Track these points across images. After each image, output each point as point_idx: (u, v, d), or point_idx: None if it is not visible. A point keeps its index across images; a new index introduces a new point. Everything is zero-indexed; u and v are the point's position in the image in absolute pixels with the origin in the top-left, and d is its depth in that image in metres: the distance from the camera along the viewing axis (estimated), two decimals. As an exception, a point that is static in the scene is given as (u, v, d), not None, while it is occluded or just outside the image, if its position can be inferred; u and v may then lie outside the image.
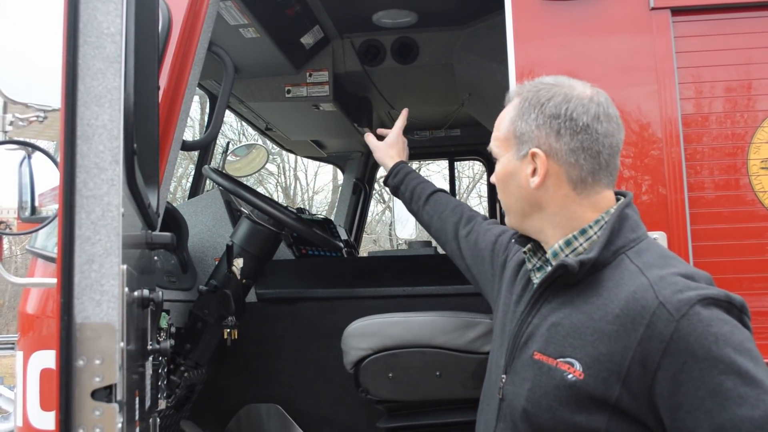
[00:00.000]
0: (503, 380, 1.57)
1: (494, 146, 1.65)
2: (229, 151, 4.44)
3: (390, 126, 5.29)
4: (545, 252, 1.61)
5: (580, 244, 1.51)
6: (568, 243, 1.53)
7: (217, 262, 2.94)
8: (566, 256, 1.51)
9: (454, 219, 2.12)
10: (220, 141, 6.23)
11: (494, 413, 1.60)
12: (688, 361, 1.28)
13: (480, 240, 2.02)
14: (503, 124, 1.62)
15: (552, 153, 1.52)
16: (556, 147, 1.51)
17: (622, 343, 1.35)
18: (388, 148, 2.39)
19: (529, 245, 1.65)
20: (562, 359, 1.42)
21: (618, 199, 1.57)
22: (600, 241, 1.46)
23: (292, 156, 15.43)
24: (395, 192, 2.32)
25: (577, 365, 1.40)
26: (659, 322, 1.31)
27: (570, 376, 1.40)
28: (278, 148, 5.78)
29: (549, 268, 1.59)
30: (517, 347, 1.55)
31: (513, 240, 1.76)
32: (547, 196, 1.54)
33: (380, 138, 2.46)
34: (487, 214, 6.40)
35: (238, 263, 2.80)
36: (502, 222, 1.84)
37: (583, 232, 1.52)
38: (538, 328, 1.51)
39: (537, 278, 1.61)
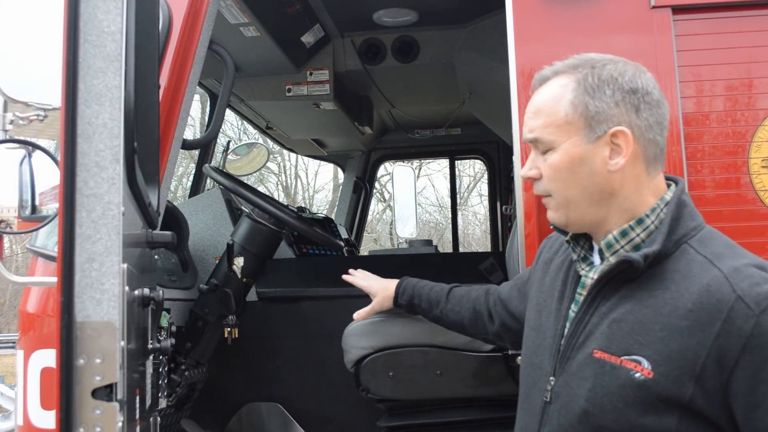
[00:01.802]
0: (551, 382, 1.48)
1: (545, 134, 1.47)
2: (229, 150, 4.44)
3: (390, 124, 5.30)
4: (587, 240, 1.55)
5: (637, 235, 1.44)
6: (623, 233, 1.45)
7: (217, 261, 2.94)
8: (622, 247, 1.45)
9: (480, 301, 2.09)
10: (221, 140, 6.23)
11: (536, 417, 1.51)
12: None
13: (503, 291, 2.01)
14: (559, 106, 1.46)
15: (634, 130, 1.43)
16: (637, 123, 1.43)
17: (695, 339, 1.29)
18: (378, 280, 2.36)
19: (570, 233, 1.57)
20: (627, 357, 1.35)
21: (668, 185, 1.50)
22: (662, 231, 1.39)
23: (292, 155, 15.43)
24: (410, 309, 2.25)
25: (645, 363, 1.33)
26: (738, 317, 1.26)
27: (637, 375, 1.33)
28: (279, 147, 5.78)
29: (595, 259, 1.53)
30: (573, 347, 1.46)
31: (552, 227, 1.67)
32: (622, 179, 1.44)
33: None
34: (488, 214, 6.38)
35: (239, 262, 2.80)
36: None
37: (639, 221, 1.44)
38: (598, 327, 1.43)
39: (584, 270, 1.54)
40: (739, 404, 1.27)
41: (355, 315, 2.38)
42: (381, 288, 2.32)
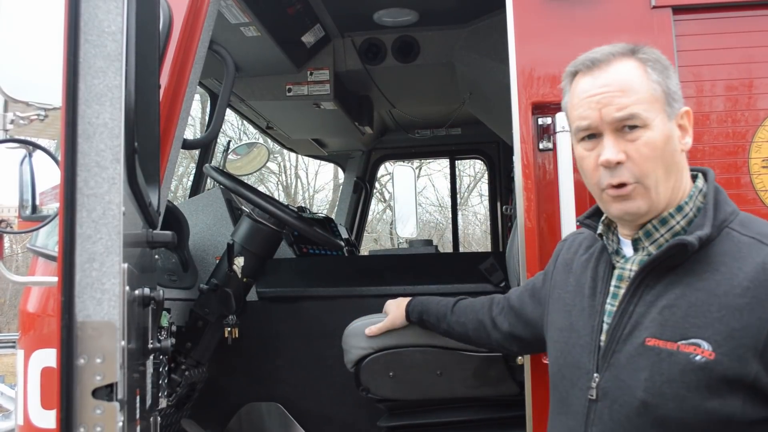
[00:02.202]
0: (596, 379, 1.46)
1: (642, 110, 1.43)
2: (230, 150, 4.44)
3: (391, 124, 5.31)
4: (614, 233, 1.56)
5: (677, 222, 1.46)
6: (663, 222, 1.47)
7: (218, 261, 2.95)
8: (662, 236, 1.46)
9: (483, 311, 2.07)
10: (221, 140, 6.24)
11: (581, 418, 1.49)
12: None
13: (512, 298, 1.99)
14: (645, 84, 1.45)
15: None
16: None
17: (756, 316, 1.31)
18: (392, 302, 2.39)
19: (600, 228, 1.58)
20: (684, 342, 1.35)
21: (694, 175, 1.55)
22: (708, 216, 1.42)
23: (293, 155, 15.43)
24: (422, 325, 2.28)
25: (705, 345, 1.33)
26: None
27: (698, 358, 1.33)
28: (279, 147, 5.77)
29: (626, 251, 1.53)
30: (618, 340, 1.45)
31: (578, 222, 1.70)
32: (683, 160, 1.49)
33: None
34: (488, 214, 6.35)
35: (239, 262, 2.80)
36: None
37: (679, 209, 1.47)
38: (645, 315, 1.42)
39: (619, 262, 1.54)
40: None
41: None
42: (395, 307, 2.35)
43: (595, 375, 1.47)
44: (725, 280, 1.36)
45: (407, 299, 2.33)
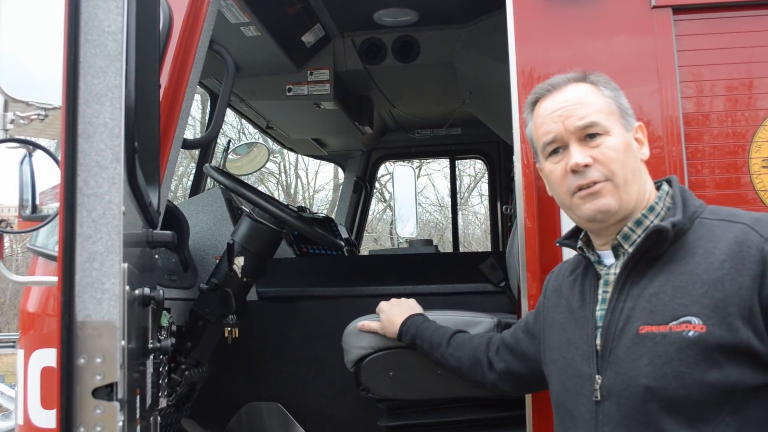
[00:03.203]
0: (598, 381, 1.51)
1: (601, 119, 1.58)
2: (230, 150, 4.44)
3: (391, 124, 5.32)
4: (594, 249, 1.65)
5: (651, 222, 1.56)
6: (638, 223, 1.57)
7: (218, 261, 2.94)
8: (638, 236, 1.55)
9: (480, 349, 2.07)
10: (221, 139, 6.23)
11: (590, 423, 1.52)
12: None
13: (506, 337, 1.99)
14: (600, 99, 1.61)
15: None
16: None
17: (736, 285, 1.39)
18: (392, 308, 2.35)
19: (580, 244, 1.68)
20: (675, 322, 1.42)
21: (659, 185, 1.66)
22: (678, 206, 1.53)
23: (292, 154, 15.43)
24: (414, 347, 2.25)
25: (695, 320, 1.40)
26: None
27: (691, 333, 1.39)
28: (279, 147, 5.77)
29: (607, 261, 1.61)
30: (612, 338, 1.51)
31: (557, 243, 1.80)
32: (645, 169, 1.62)
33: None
34: (488, 214, 6.34)
35: (239, 262, 2.80)
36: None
37: (651, 209, 1.58)
38: (635, 308, 1.50)
39: (603, 270, 1.62)
40: None
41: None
42: (387, 319, 2.32)
43: (597, 377, 1.52)
44: (704, 260, 1.45)
45: (402, 313, 2.29)
